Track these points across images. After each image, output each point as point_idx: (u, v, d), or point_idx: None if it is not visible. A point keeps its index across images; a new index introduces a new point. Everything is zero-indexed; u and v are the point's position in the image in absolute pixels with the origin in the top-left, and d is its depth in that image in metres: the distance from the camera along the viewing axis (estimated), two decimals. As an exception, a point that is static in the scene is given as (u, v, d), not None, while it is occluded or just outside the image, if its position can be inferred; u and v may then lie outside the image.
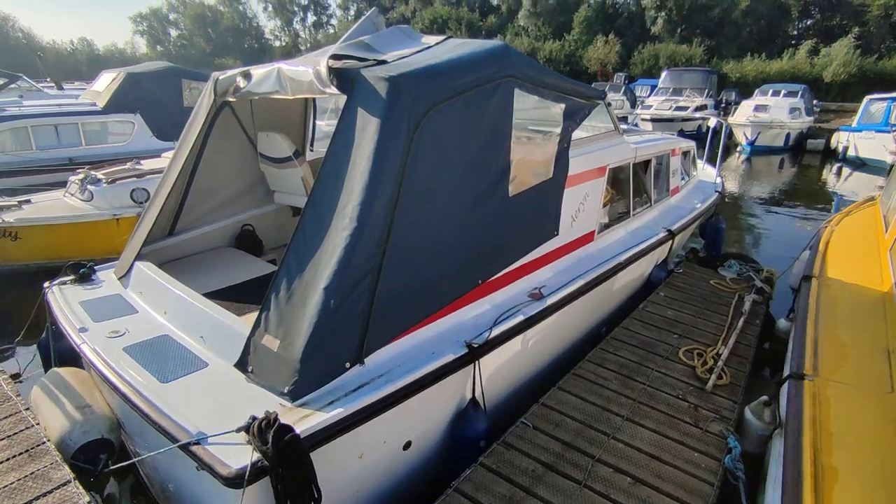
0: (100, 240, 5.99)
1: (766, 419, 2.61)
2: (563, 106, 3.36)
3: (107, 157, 8.01)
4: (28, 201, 6.06)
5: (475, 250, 2.78)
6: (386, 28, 3.33)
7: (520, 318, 2.88)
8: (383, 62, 2.61)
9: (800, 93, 19.23)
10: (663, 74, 23.60)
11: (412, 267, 2.42)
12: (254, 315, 2.84)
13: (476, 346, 2.57)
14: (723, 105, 24.27)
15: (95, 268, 3.48)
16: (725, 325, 3.70)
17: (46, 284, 3.28)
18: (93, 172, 6.31)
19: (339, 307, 2.16)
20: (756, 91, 20.87)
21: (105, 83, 8.97)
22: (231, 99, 3.21)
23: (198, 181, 3.72)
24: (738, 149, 17.99)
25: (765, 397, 2.68)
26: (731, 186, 12.74)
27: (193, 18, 65.47)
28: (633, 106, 22.83)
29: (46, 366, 3.27)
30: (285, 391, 2.10)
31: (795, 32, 43.02)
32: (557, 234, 3.43)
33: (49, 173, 7.75)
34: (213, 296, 3.11)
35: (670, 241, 4.56)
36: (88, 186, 6.08)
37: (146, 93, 8.77)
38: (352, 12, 63.93)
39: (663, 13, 40.93)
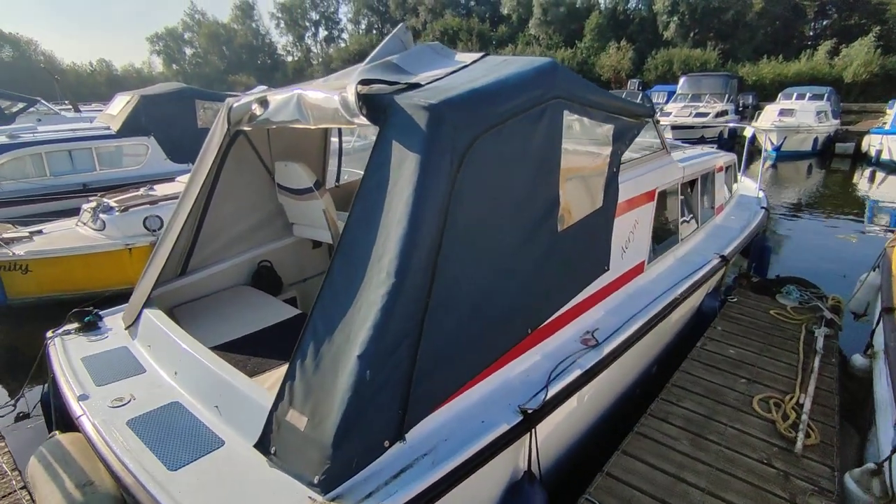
0: (112, 271, 5.77)
1: (875, 492, 2.21)
2: (611, 127, 3.01)
3: (120, 181, 7.85)
4: (40, 232, 5.86)
5: (524, 295, 2.43)
6: (414, 46, 3.04)
7: (576, 372, 2.52)
8: (416, 85, 2.30)
9: (826, 95, 18.62)
10: (681, 80, 23.12)
11: (457, 321, 2.08)
12: (274, 375, 2.54)
13: (531, 411, 2.21)
14: (741, 109, 23.68)
15: (101, 313, 3.20)
16: (798, 366, 3.28)
17: (49, 334, 3.01)
18: (105, 200, 6.11)
19: (375, 377, 1.83)
20: (779, 95, 20.26)
21: (119, 106, 8.85)
22: (246, 128, 2.93)
23: (211, 216, 3.44)
24: (763, 154, 17.40)
25: (871, 465, 2.27)
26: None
27: (208, 37, 66.62)
28: (651, 113, 22.37)
29: (49, 425, 2.99)
30: (315, 482, 1.77)
31: (812, 33, 42.24)
32: (608, 270, 3.07)
33: (63, 199, 7.60)
34: (229, 348, 2.80)
35: (723, 268, 4.16)
36: (100, 215, 5.87)
37: (160, 115, 8.62)
38: (363, 26, 64.54)
39: (675, 17, 40.47)
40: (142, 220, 5.88)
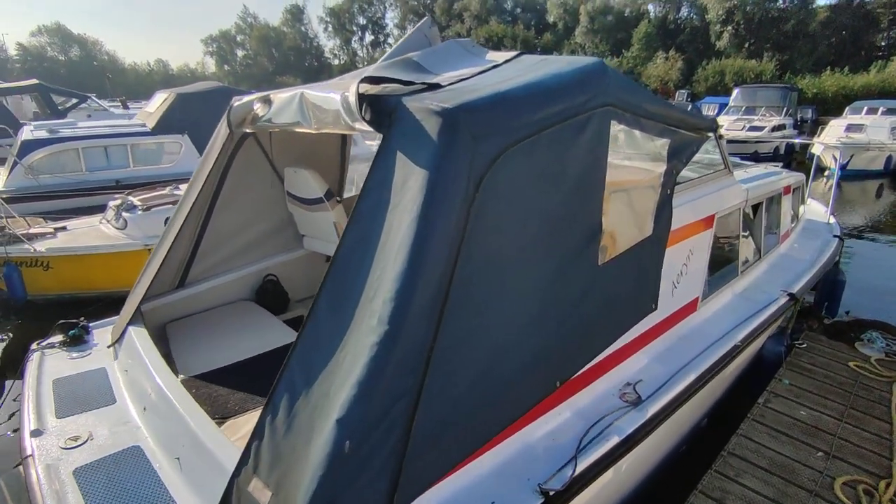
0: (132, 271, 5.54)
1: None
2: (667, 141, 2.54)
3: (154, 178, 7.84)
4: (64, 228, 5.82)
5: (553, 341, 1.99)
6: (442, 42, 2.67)
7: (613, 439, 2.06)
8: (436, 86, 1.92)
9: (901, 110, 17.12)
10: (735, 92, 21.87)
11: (468, 377, 1.67)
12: (252, 420, 2.19)
13: (554, 492, 1.78)
14: (798, 123, 22.20)
15: (91, 326, 2.97)
16: (892, 439, 2.69)
17: (34, 346, 2.79)
18: (130, 198, 6.02)
19: (358, 448, 1.44)
20: (847, 109, 18.79)
21: (156, 104, 8.90)
22: (249, 130, 2.62)
23: (214, 224, 3.16)
24: (826, 173, 16.15)
25: None
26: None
27: (259, 39, 68.79)
28: (701, 125, 21.27)
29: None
30: None
31: (884, 43, 39.52)
32: (656, 309, 2.59)
33: (96, 195, 7.63)
34: (214, 377, 2.49)
35: (792, 308, 3.57)
36: (123, 213, 5.77)
37: (195, 113, 8.58)
38: (408, 31, 65.09)
39: (730, 27, 38.80)
40: (164, 220, 5.74)
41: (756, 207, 3.90)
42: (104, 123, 8.82)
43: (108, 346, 2.69)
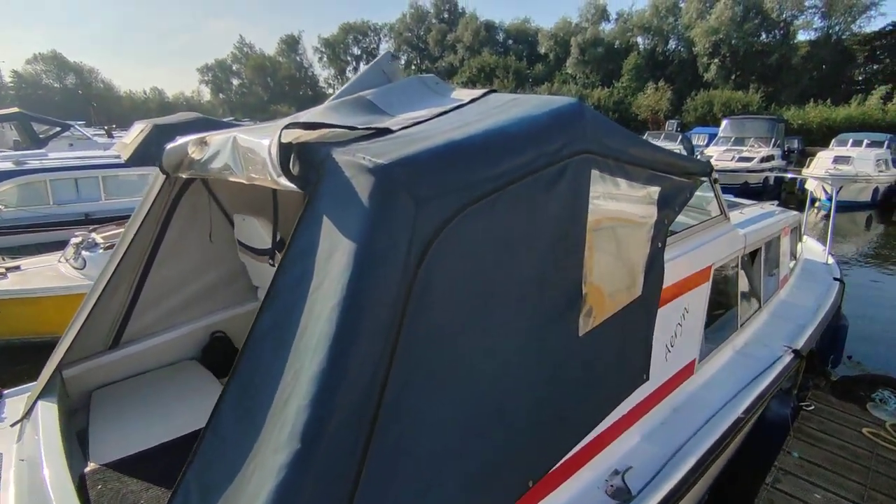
0: (88, 313, 5.26)
1: None
2: (657, 189, 2.25)
3: (125, 211, 7.51)
4: (17, 268, 5.45)
5: (524, 434, 1.65)
6: (404, 78, 2.40)
7: None
8: (385, 131, 1.64)
9: (886, 143, 17.26)
10: (724, 123, 22.10)
11: (414, 490, 1.33)
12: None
13: None
14: (786, 154, 22.40)
15: (5, 393, 2.59)
16: (916, 526, 2.36)
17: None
18: (92, 235, 5.68)
19: None
20: (833, 141, 18.97)
21: (133, 135, 8.59)
22: (184, 175, 2.31)
23: (156, 275, 2.83)
24: (817, 204, 16.14)
25: None
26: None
27: (254, 68, 69.69)
28: (691, 156, 21.37)
29: None
30: None
31: (861, 78, 40.68)
32: (647, 379, 2.26)
33: (63, 230, 7.28)
34: (129, 466, 2.11)
35: (799, 364, 3.26)
36: (83, 252, 5.42)
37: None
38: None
39: (716, 59, 39.71)
40: (125, 259, 5.40)
41: (754, 253, 3.62)
42: (76, 155, 8.54)
43: (13, 424, 2.31)
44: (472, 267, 1.41)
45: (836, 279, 4.70)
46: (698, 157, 19.84)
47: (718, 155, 18.47)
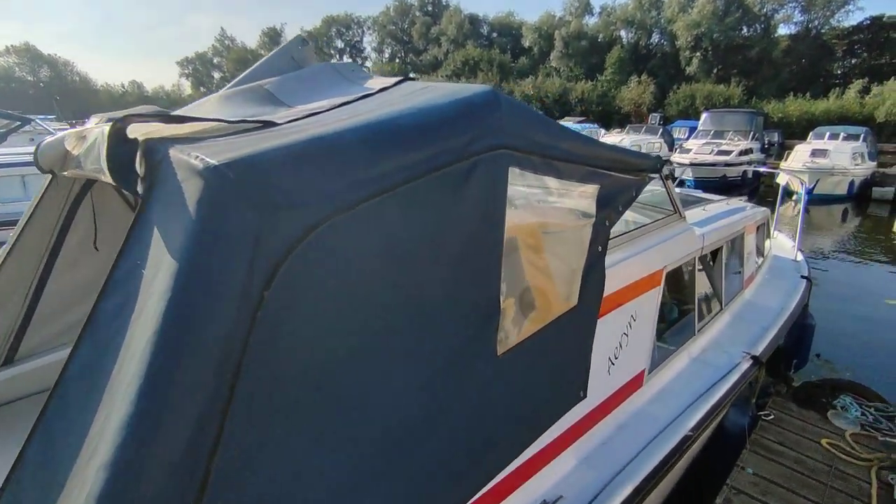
0: None
1: None
2: (595, 187, 2.04)
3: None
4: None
5: (433, 467, 1.44)
6: (316, 65, 2.16)
7: None
8: (269, 125, 1.40)
9: (861, 136, 17.39)
10: (703, 116, 22.13)
11: None
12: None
13: None
14: (766, 147, 22.54)
15: None
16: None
17: None
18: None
19: None
20: (811, 134, 19.08)
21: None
22: (66, 174, 2.04)
23: (55, 285, 2.55)
24: (794, 197, 16.21)
25: None
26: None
27: (236, 61, 68.39)
28: (671, 149, 21.35)
29: None
30: None
31: (840, 72, 41.27)
32: (585, 397, 2.06)
33: (8, 229, 6.88)
34: None
35: (757, 372, 3.09)
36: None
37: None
38: (386, 55, 65.70)
39: (698, 53, 39.90)
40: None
41: (716, 252, 3.45)
42: (24, 150, 8.08)
43: None
44: (351, 286, 1.19)
45: (803, 277, 4.56)
46: (677, 150, 19.83)
47: (697, 148, 18.48)
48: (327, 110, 1.63)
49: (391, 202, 1.25)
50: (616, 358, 2.30)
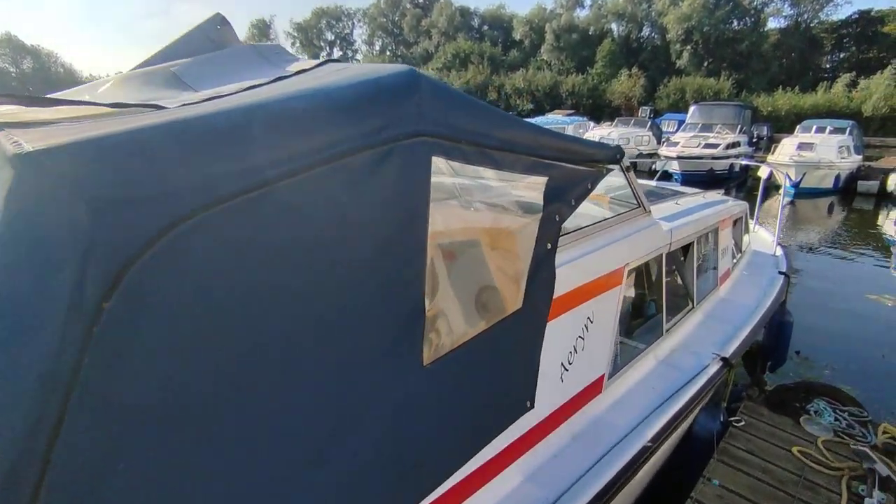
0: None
1: None
2: (542, 180, 1.88)
3: None
4: None
5: (352, 490, 1.28)
6: (235, 46, 1.97)
7: None
8: (155, 107, 1.23)
9: (848, 129, 17.37)
10: (691, 109, 22.03)
11: None
12: None
13: None
14: (755, 141, 22.51)
15: None
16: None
17: None
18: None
19: None
20: (798, 128, 19.06)
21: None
22: None
23: None
24: (781, 191, 16.20)
25: None
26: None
27: (222, 54, 67.45)
28: (659, 142, 21.26)
29: None
30: None
31: (829, 66, 41.47)
32: (532, 408, 1.90)
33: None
34: None
35: (727, 374, 2.95)
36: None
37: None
38: (377, 48, 65.01)
39: (689, 46, 39.82)
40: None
41: (687, 248, 3.30)
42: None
43: None
44: (226, 293, 1.01)
45: (781, 273, 4.43)
46: (665, 143, 19.71)
47: (685, 141, 18.40)
48: (229, 95, 1.44)
49: (276, 196, 1.08)
50: (570, 363, 2.14)
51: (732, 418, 2.97)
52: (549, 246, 1.90)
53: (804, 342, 5.21)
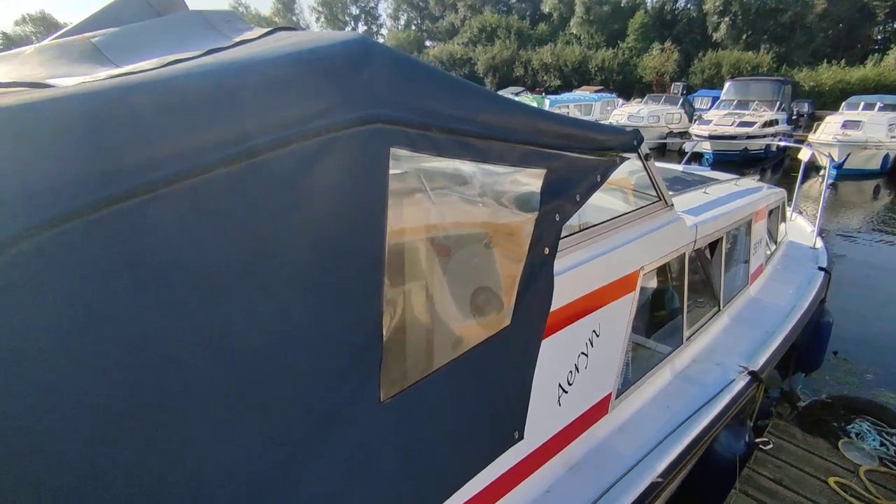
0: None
1: None
2: (538, 173, 1.57)
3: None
4: None
5: None
6: (178, 13, 1.71)
7: None
8: (39, 86, 0.99)
9: (900, 105, 16.13)
10: (726, 85, 20.83)
11: None
12: None
13: None
14: (794, 118, 21.21)
15: None
16: None
17: None
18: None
19: None
20: (843, 105, 17.80)
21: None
22: None
23: None
24: (822, 172, 15.21)
25: None
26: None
27: (248, 30, 67.29)
28: (691, 120, 20.22)
29: None
30: None
31: (880, 37, 38.64)
32: (521, 439, 1.64)
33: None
34: None
35: (756, 391, 2.61)
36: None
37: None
38: (402, 22, 63.83)
39: (727, 18, 37.63)
40: None
41: (715, 244, 2.94)
42: None
43: None
44: (101, 323, 0.78)
45: (821, 268, 4.00)
46: (696, 121, 18.70)
47: (718, 119, 17.41)
48: (143, 72, 1.18)
49: (170, 203, 0.83)
50: (570, 384, 1.86)
51: (759, 439, 2.63)
52: (546, 251, 1.61)
53: (842, 340, 4.76)
